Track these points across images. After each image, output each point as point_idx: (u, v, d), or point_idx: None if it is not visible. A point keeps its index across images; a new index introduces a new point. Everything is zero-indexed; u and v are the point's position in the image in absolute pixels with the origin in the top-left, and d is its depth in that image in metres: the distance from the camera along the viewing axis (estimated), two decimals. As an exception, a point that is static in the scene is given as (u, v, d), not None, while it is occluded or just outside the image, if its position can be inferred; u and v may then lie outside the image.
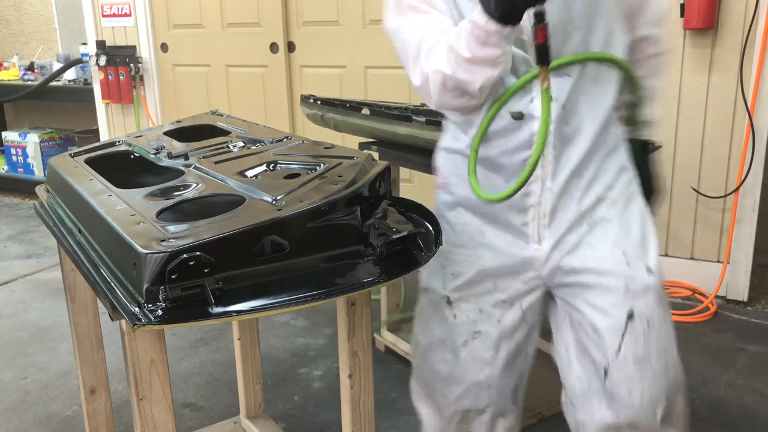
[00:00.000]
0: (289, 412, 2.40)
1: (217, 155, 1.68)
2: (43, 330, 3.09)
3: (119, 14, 4.62)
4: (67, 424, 2.37)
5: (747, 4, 2.87)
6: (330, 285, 1.19)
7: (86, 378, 1.88)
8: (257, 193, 1.35)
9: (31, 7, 5.83)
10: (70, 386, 2.60)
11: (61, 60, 5.39)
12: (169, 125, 2.09)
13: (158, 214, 1.29)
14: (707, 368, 2.60)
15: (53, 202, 1.71)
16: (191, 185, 1.47)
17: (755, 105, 2.93)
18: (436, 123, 2.10)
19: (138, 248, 1.11)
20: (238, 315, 1.12)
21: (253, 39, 4.24)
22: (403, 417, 2.33)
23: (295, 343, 2.90)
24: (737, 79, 2.95)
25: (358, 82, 3.92)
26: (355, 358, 1.43)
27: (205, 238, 1.12)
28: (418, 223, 1.41)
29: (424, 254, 1.31)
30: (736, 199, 3.04)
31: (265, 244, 1.17)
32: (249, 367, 2.16)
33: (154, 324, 1.07)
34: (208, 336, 2.97)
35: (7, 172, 5.53)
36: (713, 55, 2.99)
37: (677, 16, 2.99)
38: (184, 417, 2.39)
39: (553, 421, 2.29)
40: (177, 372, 2.67)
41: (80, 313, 1.83)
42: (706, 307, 3.06)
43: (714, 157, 3.08)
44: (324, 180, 1.38)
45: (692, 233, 3.20)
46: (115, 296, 1.15)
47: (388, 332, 2.77)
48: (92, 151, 1.88)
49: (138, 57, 4.62)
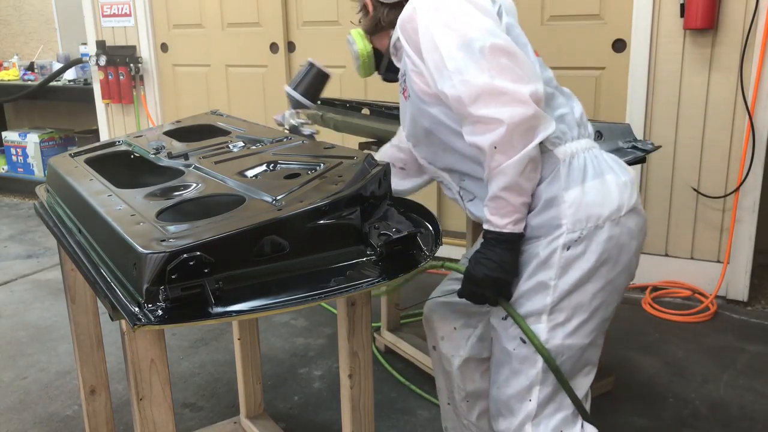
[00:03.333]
0: (289, 412, 2.40)
1: (217, 155, 1.68)
2: (43, 330, 3.09)
3: (119, 14, 4.62)
4: (67, 424, 2.37)
5: (747, 4, 2.87)
6: (330, 285, 1.19)
7: (86, 378, 1.88)
8: (257, 193, 1.35)
9: (31, 7, 5.82)
10: (70, 386, 2.60)
11: (61, 60, 5.38)
12: (169, 125, 2.09)
13: (158, 214, 1.29)
14: (707, 368, 2.61)
15: (53, 202, 1.71)
16: (191, 185, 1.47)
17: (755, 105, 2.93)
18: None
19: (138, 248, 1.11)
20: (238, 315, 1.12)
21: (253, 39, 4.24)
22: (403, 417, 2.33)
23: (295, 343, 2.90)
24: (737, 79, 2.95)
25: (358, 82, 3.92)
26: (355, 358, 1.43)
27: (205, 238, 1.12)
28: (418, 223, 1.41)
29: (424, 254, 1.31)
30: (736, 199, 3.04)
31: (265, 244, 1.17)
32: (249, 367, 2.16)
33: (154, 324, 1.07)
34: (208, 336, 2.97)
35: (7, 172, 5.53)
36: (713, 55, 2.99)
37: (677, 16, 2.99)
38: (184, 417, 2.39)
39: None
40: (177, 372, 2.67)
41: (80, 313, 1.83)
42: (706, 307, 3.06)
43: (714, 157, 3.08)
44: (324, 180, 1.38)
45: (692, 233, 3.20)
46: (115, 296, 1.15)
47: (388, 332, 2.77)
48: (92, 151, 1.88)
49: (138, 57, 4.61)
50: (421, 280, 3.25)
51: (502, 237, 1.42)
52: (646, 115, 3.17)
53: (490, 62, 1.35)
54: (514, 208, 1.41)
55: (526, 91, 1.34)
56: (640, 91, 3.14)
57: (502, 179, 1.38)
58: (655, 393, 2.44)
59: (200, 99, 4.54)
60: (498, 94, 1.34)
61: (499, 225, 1.42)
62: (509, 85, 1.34)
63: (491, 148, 1.36)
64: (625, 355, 2.71)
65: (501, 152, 1.35)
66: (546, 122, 1.38)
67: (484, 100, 1.35)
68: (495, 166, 1.37)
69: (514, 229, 1.42)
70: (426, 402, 2.40)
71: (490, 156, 1.37)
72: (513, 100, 1.33)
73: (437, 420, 2.29)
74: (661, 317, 3.03)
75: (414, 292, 3.16)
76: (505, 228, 1.42)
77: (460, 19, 1.40)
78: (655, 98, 3.14)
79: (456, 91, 1.37)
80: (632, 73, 3.15)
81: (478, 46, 1.36)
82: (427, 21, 1.42)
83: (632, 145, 2.26)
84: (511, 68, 1.35)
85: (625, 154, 2.21)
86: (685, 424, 2.26)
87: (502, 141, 1.34)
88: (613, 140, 2.25)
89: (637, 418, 2.29)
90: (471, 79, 1.36)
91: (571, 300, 1.45)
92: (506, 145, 1.35)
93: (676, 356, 2.70)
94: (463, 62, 1.37)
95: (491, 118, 1.34)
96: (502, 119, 1.33)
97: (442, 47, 1.39)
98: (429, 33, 1.42)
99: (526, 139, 1.35)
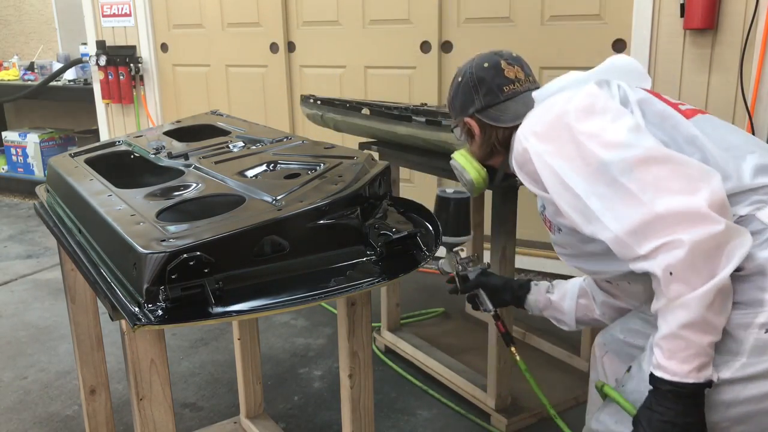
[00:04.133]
0: (289, 412, 2.40)
1: (217, 155, 1.68)
2: (43, 330, 3.09)
3: (119, 14, 4.62)
4: (67, 424, 2.37)
5: (747, 4, 2.87)
6: (330, 285, 1.19)
7: (86, 378, 1.88)
8: (257, 193, 1.35)
9: (31, 7, 5.82)
10: (70, 386, 2.60)
11: (61, 60, 5.38)
12: (169, 125, 2.09)
13: (158, 214, 1.29)
14: (707, 368, 2.60)
15: (53, 202, 1.71)
16: (191, 185, 1.47)
17: (755, 105, 2.92)
18: (436, 123, 2.10)
19: (138, 248, 1.11)
20: (238, 315, 1.12)
21: (253, 39, 4.23)
22: (403, 417, 2.33)
23: (295, 343, 2.90)
24: (737, 78, 2.95)
25: (358, 82, 3.92)
26: (355, 358, 1.43)
27: (205, 238, 1.12)
28: (418, 223, 1.41)
29: (424, 254, 1.31)
30: (736, 199, 3.04)
31: (265, 244, 1.17)
32: (249, 367, 2.16)
33: (154, 324, 1.07)
34: (208, 336, 2.97)
35: (7, 172, 5.53)
36: (713, 54, 2.99)
37: (677, 16, 2.99)
38: (184, 417, 2.39)
39: (554, 421, 2.28)
40: (177, 372, 2.67)
41: (80, 313, 1.83)
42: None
43: (714, 157, 3.07)
44: (324, 180, 1.38)
45: (692, 233, 3.19)
46: (115, 296, 1.15)
47: (388, 332, 2.77)
48: (92, 151, 1.88)
49: (138, 57, 4.61)
50: (421, 279, 3.25)
51: (684, 391, 1.09)
52: (646, 115, 3.16)
53: (640, 183, 1.08)
54: (700, 349, 1.07)
55: (701, 201, 1.04)
56: (640, 91, 3.14)
57: (682, 314, 1.06)
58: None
59: (200, 99, 4.54)
60: (666, 221, 1.05)
61: (678, 373, 1.08)
62: (676, 202, 1.05)
63: (665, 273, 1.05)
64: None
65: (679, 280, 1.05)
66: (739, 236, 1.07)
67: (651, 235, 1.06)
68: (675, 296, 1.06)
69: (699, 377, 1.08)
70: (426, 402, 2.40)
71: (666, 284, 1.06)
72: (688, 219, 1.04)
73: (437, 420, 2.29)
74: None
75: (415, 292, 3.16)
76: (687, 377, 1.08)
77: (581, 139, 1.14)
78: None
79: (611, 233, 1.10)
80: (632, 73, 3.15)
81: (617, 169, 1.10)
82: (544, 157, 1.17)
83: (632, 145, 2.26)
84: (669, 178, 1.07)
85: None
86: (685, 424, 2.26)
87: (681, 266, 1.04)
88: (613, 140, 2.25)
89: (637, 418, 2.29)
90: (625, 214, 1.08)
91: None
92: (688, 271, 1.04)
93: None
94: (607, 196, 1.10)
95: (666, 242, 1.05)
96: (683, 239, 1.04)
97: (573, 186, 1.14)
98: (550, 171, 1.17)
99: (713, 263, 1.05)
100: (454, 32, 3.56)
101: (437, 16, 3.55)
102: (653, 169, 1.08)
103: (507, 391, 2.23)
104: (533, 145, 1.20)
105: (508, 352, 1.75)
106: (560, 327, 1.69)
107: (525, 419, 2.21)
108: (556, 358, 2.58)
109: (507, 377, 2.21)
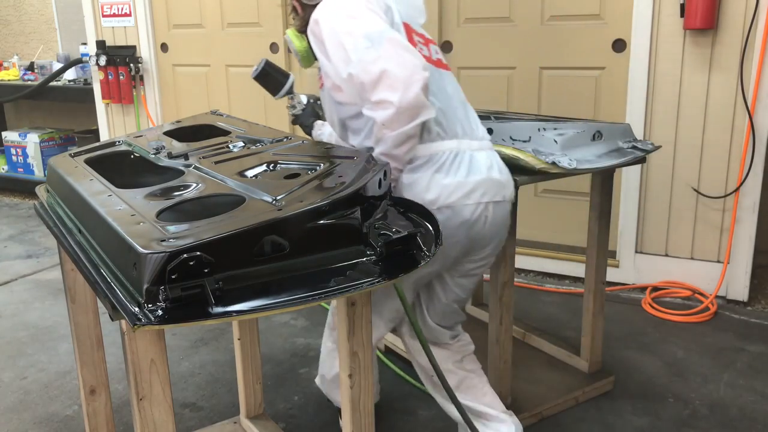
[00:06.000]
0: (289, 412, 2.40)
1: (217, 155, 1.68)
2: (43, 330, 3.10)
3: (119, 14, 4.62)
4: (67, 424, 2.37)
5: (747, 4, 2.88)
6: (330, 285, 1.19)
7: (86, 378, 1.88)
8: (257, 193, 1.35)
9: (31, 7, 5.82)
10: (70, 386, 2.60)
11: (61, 60, 5.39)
12: (169, 125, 2.09)
13: (158, 214, 1.29)
14: (707, 368, 2.61)
15: (53, 202, 1.71)
16: (191, 185, 1.47)
17: (755, 105, 2.93)
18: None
19: (138, 248, 1.11)
20: (238, 315, 1.12)
21: (253, 39, 4.24)
22: (403, 417, 2.33)
23: (295, 343, 2.90)
24: (737, 78, 2.95)
25: (358, 82, 3.92)
26: (355, 358, 1.43)
27: (205, 238, 1.12)
28: (418, 223, 1.41)
29: (424, 254, 1.31)
30: (736, 199, 3.04)
31: (265, 244, 1.17)
32: (249, 367, 2.16)
33: (154, 324, 1.07)
34: (208, 336, 2.97)
35: (7, 172, 5.53)
36: (713, 54, 2.99)
37: (677, 16, 2.99)
38: (184, 417, 2.39)
39: (553, 421, 2.29)
40: (177, 372, 2.67)
41: (80, 313, 1.83)
42: (707, 308, 3.06)
43: (714, 157, 3.08)
44: (324, 180, 1.38)
45: (692, 233, 3.20)
46: (115, 296, 1.15)
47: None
48: (92, 151, 1.88)
49: (138, 57, 4.61)
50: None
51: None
52: (646, 115, 3.17)
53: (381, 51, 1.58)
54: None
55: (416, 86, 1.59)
56: (640, 91, 3.14)
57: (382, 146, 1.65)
58: (655, 393, 2.44)
59: (200, 99, 4.54)
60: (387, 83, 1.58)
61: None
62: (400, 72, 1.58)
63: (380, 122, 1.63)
64: (625, 355, 2.71)
65: (386, 126, 1.63)
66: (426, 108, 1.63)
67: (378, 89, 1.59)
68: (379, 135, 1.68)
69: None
70: (426, 402, 2.40)
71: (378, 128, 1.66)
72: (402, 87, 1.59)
73: (437, 420, 2.29)
74: (661, 317, 3.03)
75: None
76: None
77: (354, 16, 1.62)
78: (655, 98, 3.14)
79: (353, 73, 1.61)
80: (632, 73, 3.16)
81: (374, 37, 1.58)
82: (328, 23, 1.64)
83: (632, 145, 2.26)
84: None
85: (625, 154, 2.21)
86: (685, 424, 2.26)
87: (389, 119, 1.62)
88: (613, 140, 2.25)
89: (636, 418, 2.29)
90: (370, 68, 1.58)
91: None
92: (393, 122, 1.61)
93: (676, 356, 2.70)
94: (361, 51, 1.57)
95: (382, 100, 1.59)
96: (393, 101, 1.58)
97: (344, 42, 1.60)
98: (330, 30, 1.63)
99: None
100: (454, 32, 3.56)
101: (437, 16, 3.55)
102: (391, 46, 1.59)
103: (507, 391, 2.23)
104: (322, 15, 1.68)
105: None
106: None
107: (525, 419, 2.21)
108: (556, 358, 2.58)
109: (507, 377, 2.22)
